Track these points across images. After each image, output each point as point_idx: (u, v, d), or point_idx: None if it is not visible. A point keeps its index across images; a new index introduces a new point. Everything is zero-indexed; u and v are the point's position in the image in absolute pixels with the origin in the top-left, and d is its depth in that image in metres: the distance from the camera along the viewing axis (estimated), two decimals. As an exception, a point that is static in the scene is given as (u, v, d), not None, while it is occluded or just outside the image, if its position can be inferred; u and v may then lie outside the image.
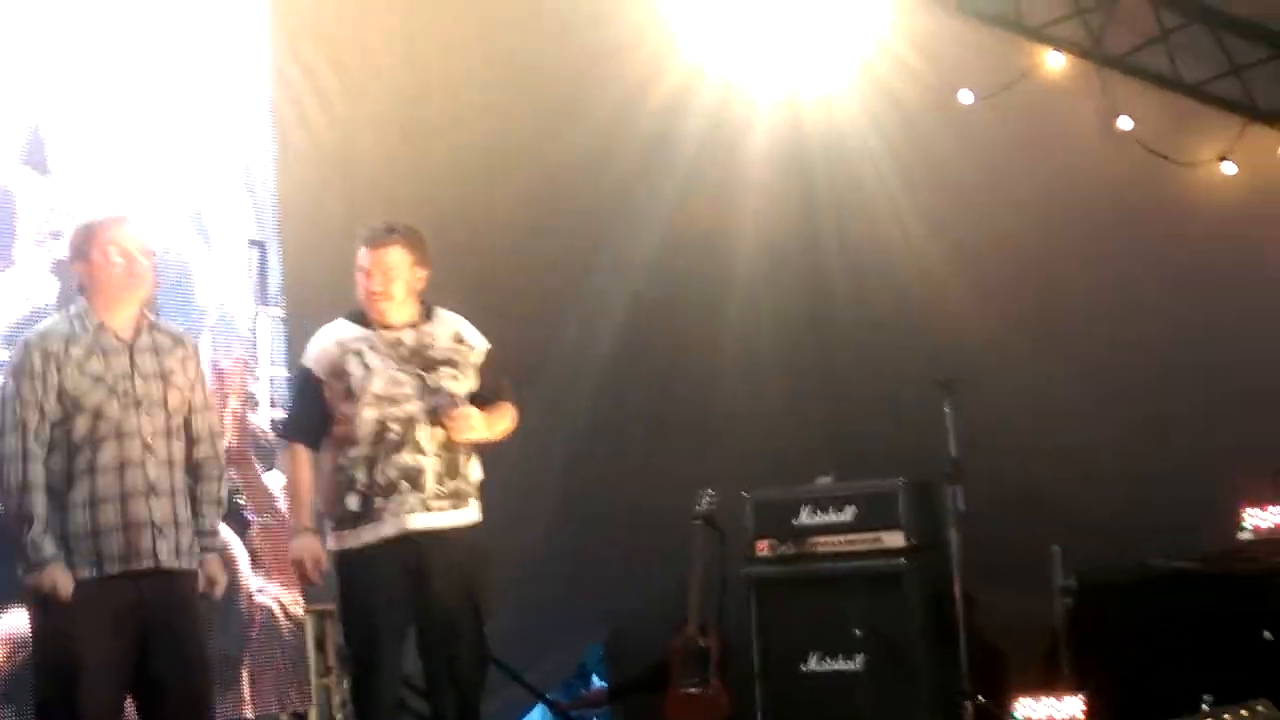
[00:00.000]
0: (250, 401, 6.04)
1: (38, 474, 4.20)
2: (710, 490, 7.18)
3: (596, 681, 8.48)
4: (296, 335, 6.17)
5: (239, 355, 6.04)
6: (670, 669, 7.09)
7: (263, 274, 6.20)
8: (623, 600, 8.01)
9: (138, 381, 4.35)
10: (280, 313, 6.23)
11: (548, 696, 7.75)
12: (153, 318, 4.53)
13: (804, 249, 8.42)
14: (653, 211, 7.83)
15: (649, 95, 7.47)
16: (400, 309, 4.85)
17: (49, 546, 4.17)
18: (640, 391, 7.95)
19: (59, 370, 4.25)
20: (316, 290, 6.38)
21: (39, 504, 4.18)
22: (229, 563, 5.54)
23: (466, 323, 4.97)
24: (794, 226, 8.37)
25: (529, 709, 7.91)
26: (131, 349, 4.37)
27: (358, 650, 4.80)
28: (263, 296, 6.19)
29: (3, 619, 4.86)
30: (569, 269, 7.68)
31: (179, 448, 4.43)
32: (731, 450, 7.71)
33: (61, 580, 4.16)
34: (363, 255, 4.88)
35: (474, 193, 7.02)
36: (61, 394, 4.25)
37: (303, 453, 4.84)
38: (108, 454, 4.27)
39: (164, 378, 4.40)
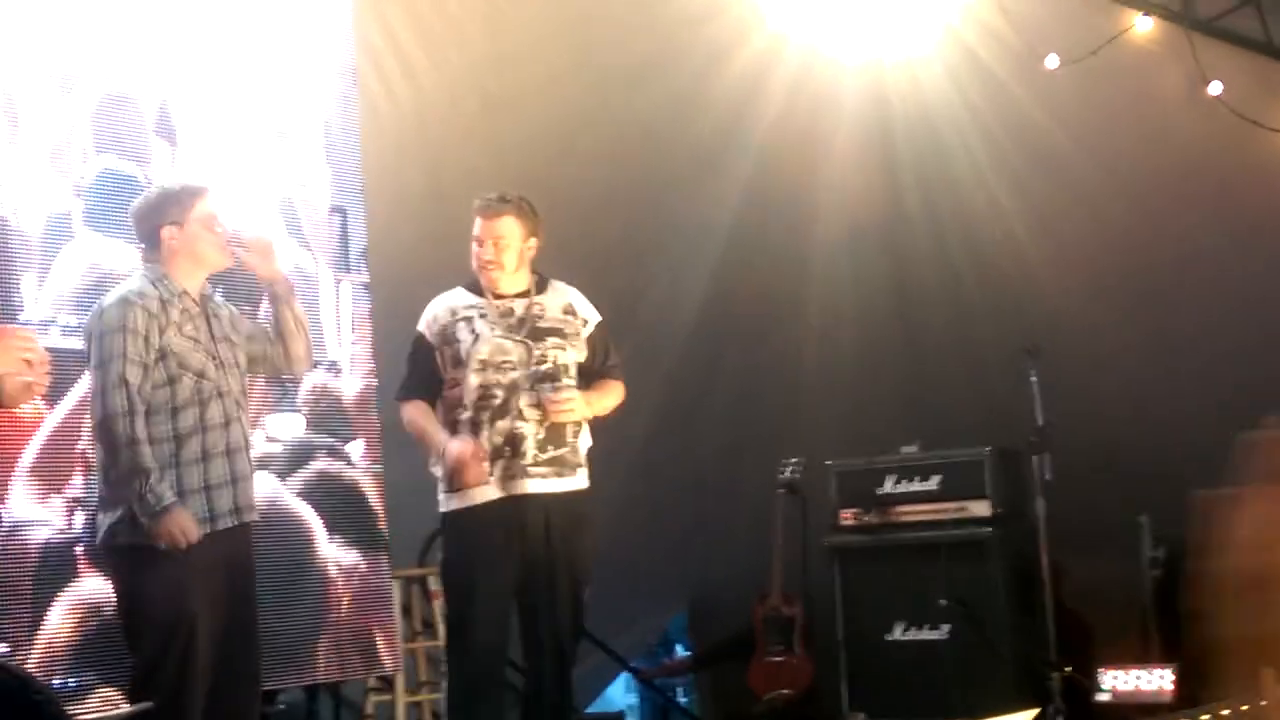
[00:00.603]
0: (333, 368, 6.09)
1: (143, 429, 4.25)
2: (794, 459, 7.16)
3: (680, 650, 8.50)
4: (378, 302, 6.24)
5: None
6: (754, 638, 7.09)
7: (344, 240, 6.24)
8: (706, 569, 8.02)
9: (218, 344, 4.44)
10: (363, 279, 6.26)
11: (632, 664, 7.78)
12: (208, 287, 4.60)
13: (886, 216, 8.34)
14: (734, 179, 7.80)
15: (730, 61, 7.43)
16: (512, 278, 4.95)
17: (169, 493, 4.23)
18: (723, 360, 7.95)
19: (161, 332, 4.32)
20: (398, 257, 6.44)
21: (149, 456, 4.24)
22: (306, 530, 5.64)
23: (579, 295, 5.06)
24: (876, 193, 8.30)
25: (613, 677, 7.95)
26: (206, 314, 4.46)
27: (456, 611, 4.87)
28: (345, 263, 6.23)
29: (73, 587, 4.93)
30: (649, 238, 7.68)
31: (247, 408, 4.62)
32: (815, 419, 7.68)
33: (188, 524, 4.24)
34: (476, 225, 4.95)
35: (554, 161, 7.02)
36: (166, 354, 4.33)
37: (420, 403, 4.94)
38: (214, 412, 4.38)
39: (230, 341, 4.50)
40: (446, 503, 4.88)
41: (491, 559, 4.78)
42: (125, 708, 4.26)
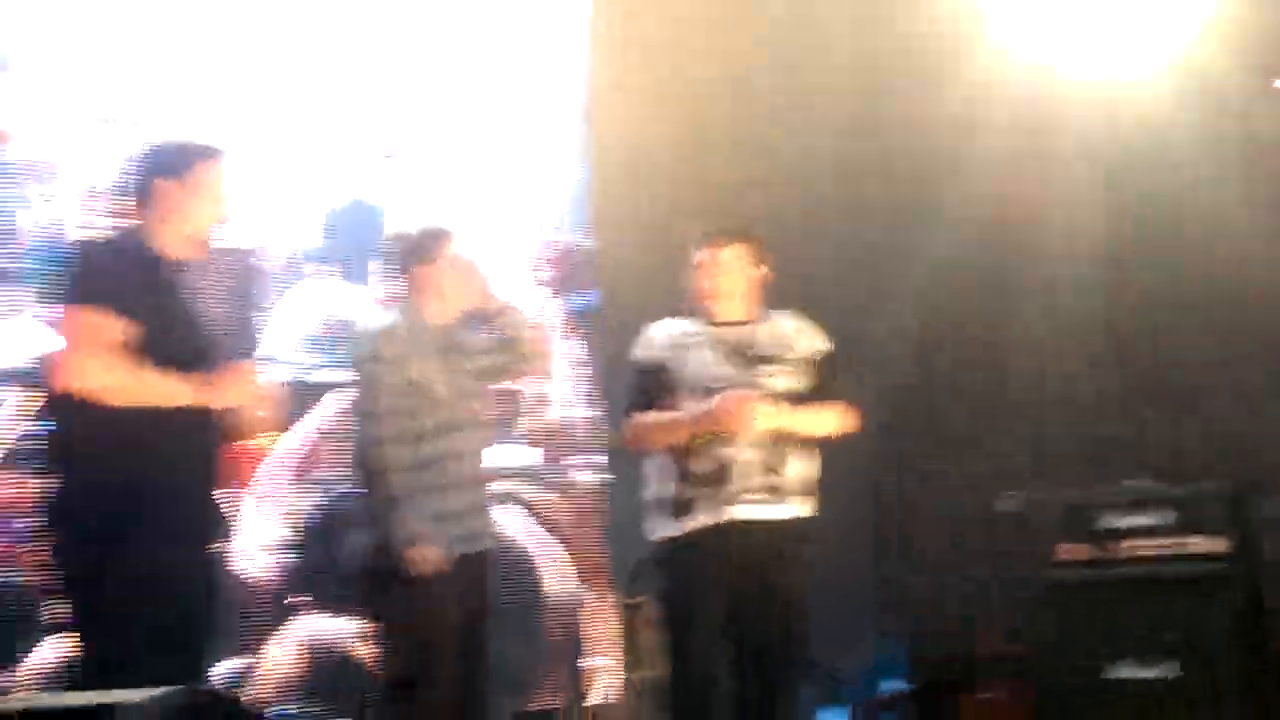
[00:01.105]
0: (561, 399, 6.17)
1: (399, 458, 4.33)
2: (1011, 491, 7.02)
3: (893, 682, 8.40)
4: (604, 333, 6.30)
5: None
6: (972, 671, 6.97)
7: (573, 274, 6.32)
8: (923, 599, 7.92)
9: (461, 377, 4.51)
10: (591, 311, 6.33)
11: (845, 695, 7.72)
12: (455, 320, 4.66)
13: (1111, 239, 8.14)
14: (953, 204, 7.70)
15: (951, 88, 7.35)
16: (734, 306, 4.98)
17: (418, 523, 4.30)
18: (940, 390, 7.83)
19: (410, 363, 4.41)
20: (625, 290, 6.50)
21: (400, 485, 4.31)
22: (530, 562, 5.71)
23: (802, 323, 5.05)
24: (1100, 215, 8.10)
25: (825, 706, 7.89)
26: (451, 348, 4.54)
27: (671, 640, 4.88)
28: (573, 295, 6.31)
29: (301, 622, 5.05)
30: (870, 267, 7.62)
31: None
32: (1035, 449, 7.53)
33: (435, 554, 4.33)
34: (700, 254, 4.97)
35: (779, 195, 7.03)
36: (414, 385, 4.41)
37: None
38: (456, 442, 4.48)
39: (469, 373, 4.56)
40: (661, 529, 4.89)
41: (706, 587, 4.80)
42: None
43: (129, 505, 3.78)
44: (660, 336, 5.01)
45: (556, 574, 5.94)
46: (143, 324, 3.81)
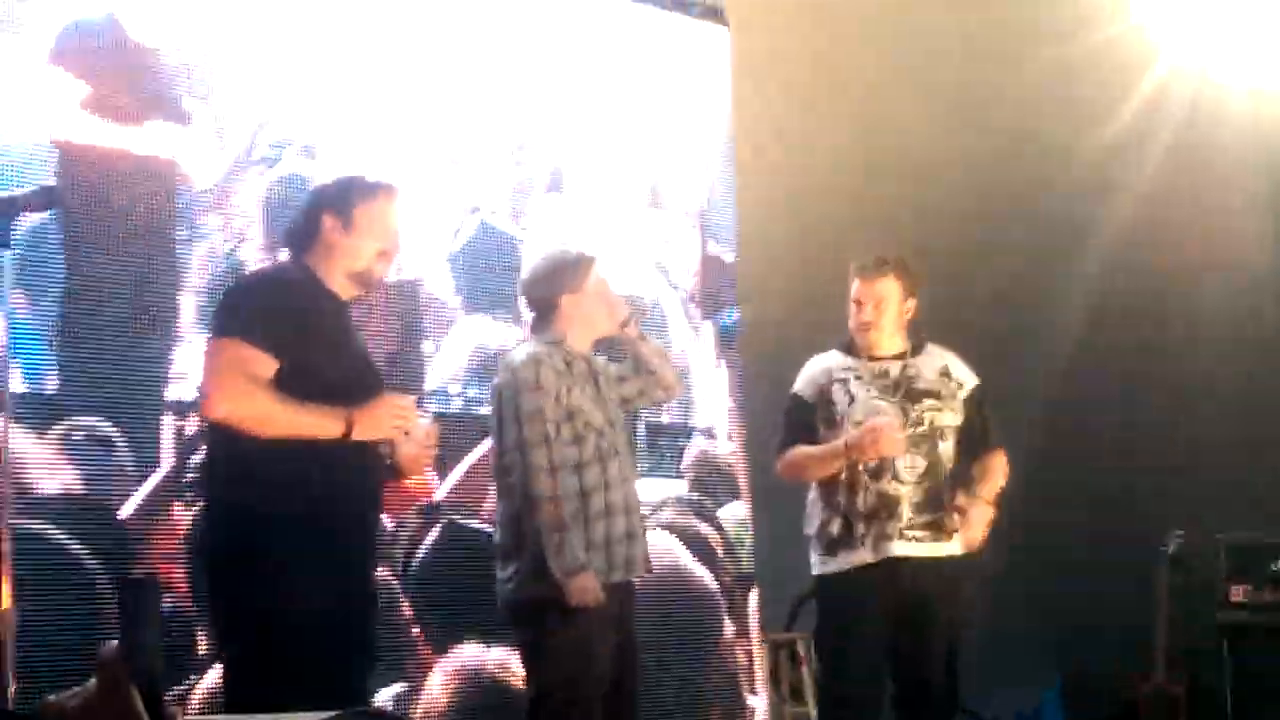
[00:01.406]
0: (709, 432, 6.15)
1: (563, 486, 4.34)
2: (1178, 530, 6.83)
3: (1055, 723, 8.22)
4: (748, 364, 6.26)
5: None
6: (1136, 715, 6.78)
7: (718, 303, 6.31)
8: (1081, 640, 7.73)
9: (609, 405, 4.49)
10: (735, 341, 6.31)
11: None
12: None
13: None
14: (1111, 233, 7.56)
15: (1109, 115, 7.25)
16: (889, 340, 4.92)
17: (583, 553, 4.30)
18: (1100, 421, 7.66)
19: (568, 391, 4.39)
20: (768, 320, 6.46)
21: (567, 513, 4.31)
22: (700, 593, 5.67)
23: (956, 358, 4.99)
24: (1270, 238, 7.88)
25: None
26: (594, 374, 4.51)
27: (829, 678, 4.82)
28: (719, 325, 6.29)
29: (454, 653, 5.05)
30: (1023, 298, 7.50)
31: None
32: (1201, 488, 7.31)
33: (594, 585, 4.30)
34: (854, 286, 4.93)
35: (925, 223, 6.94)
36: (573, 413, 4.39)
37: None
38: (613, 470, 4.45)
39: (613, 400, 4.55)
40: (821, 566, 4.86)
41: (865, 624, 4.73)
42: None
43: (288, 534, 3.79)
44: (816, 371, 4.96)
45: (707, 606, 5.89)
46: (295, 356, 3.83)
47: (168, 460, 4.77)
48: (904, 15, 7.17)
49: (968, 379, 5.00)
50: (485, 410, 4.76)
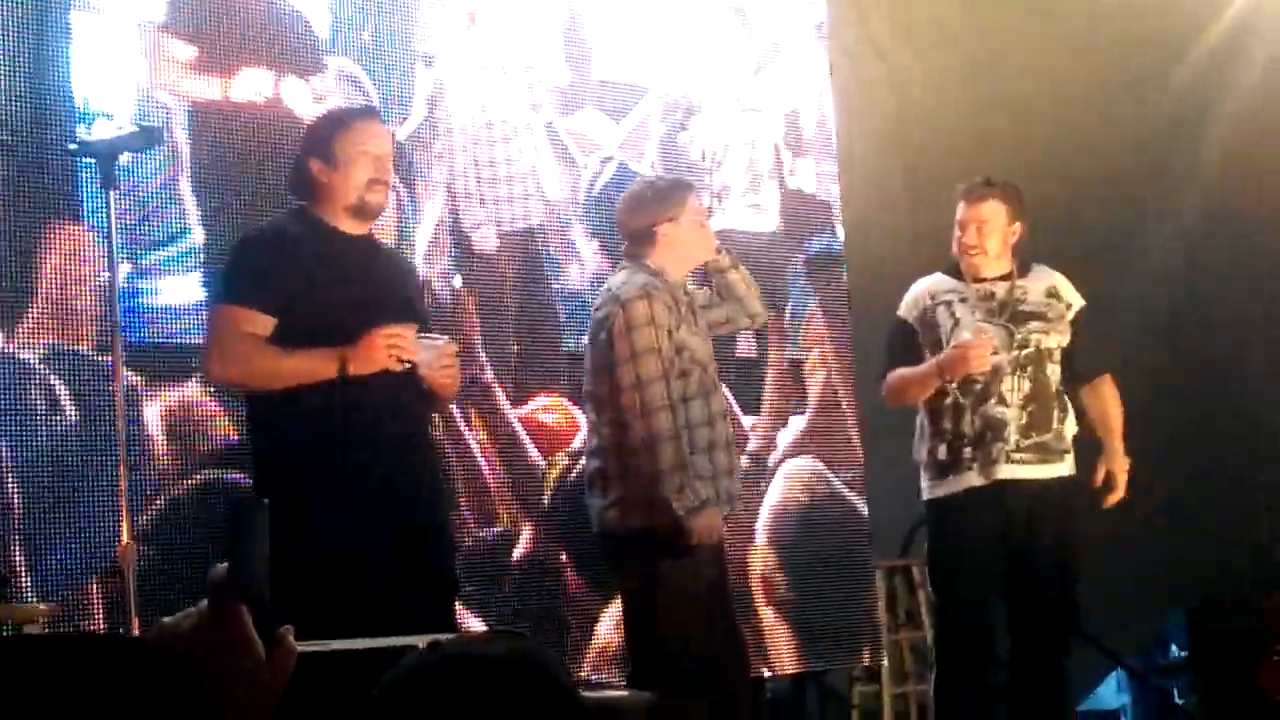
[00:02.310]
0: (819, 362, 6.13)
1: (673, 421, 4.32)
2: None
3: (1176, 650, 8.12)
4: (855, 294, 6.21)
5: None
6: (1263, 637, 6.68)
7: (825, 236, 6.25)
8: (1207, 564, 7.62)
9: (705, 336, 4.48)
10: (842, 271, 6.26)
11: (1127, 662, 7.49)
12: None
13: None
14: (1213, 151, 7.41)
15: (1197, 48, 7.11)
16: (994, 263, 4.88)
17: (705, 489, 4.28)
18: (1228, 342, 7.52)
19: (676, 325, 4.37)
20: (875, 251, 6.40)
21: (685, 451, 4.29)
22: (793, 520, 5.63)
23: (1063, 278, 4.92)
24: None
25: (1106, 675, 7.67)
26: (694, 307, 4.49)
27: (942, 602, 4.81)
28: (827, 257, 6.24)
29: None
30: (1129, 233, 7.38)
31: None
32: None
33: (719, 521, 4.31)
34: (960, 209, 4.88)
35: (1029, 160, 6.85)
36: (681, 348, 4.37)
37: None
38: (716, 403, 4.43)
39: (706, 335, 4.52)
40: (930, 490, 4.84)
41: (976, 548, 4.71)
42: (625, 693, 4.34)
43: (332, 477, 3.80)
44: (920, 293, 4.92)
45: (816, 538, 5.88)
46: (298, 306, 3.83)
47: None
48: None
49: (1075, 300, 4.94)
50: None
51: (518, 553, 5.18)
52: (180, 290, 4.60)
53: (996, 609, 4.89)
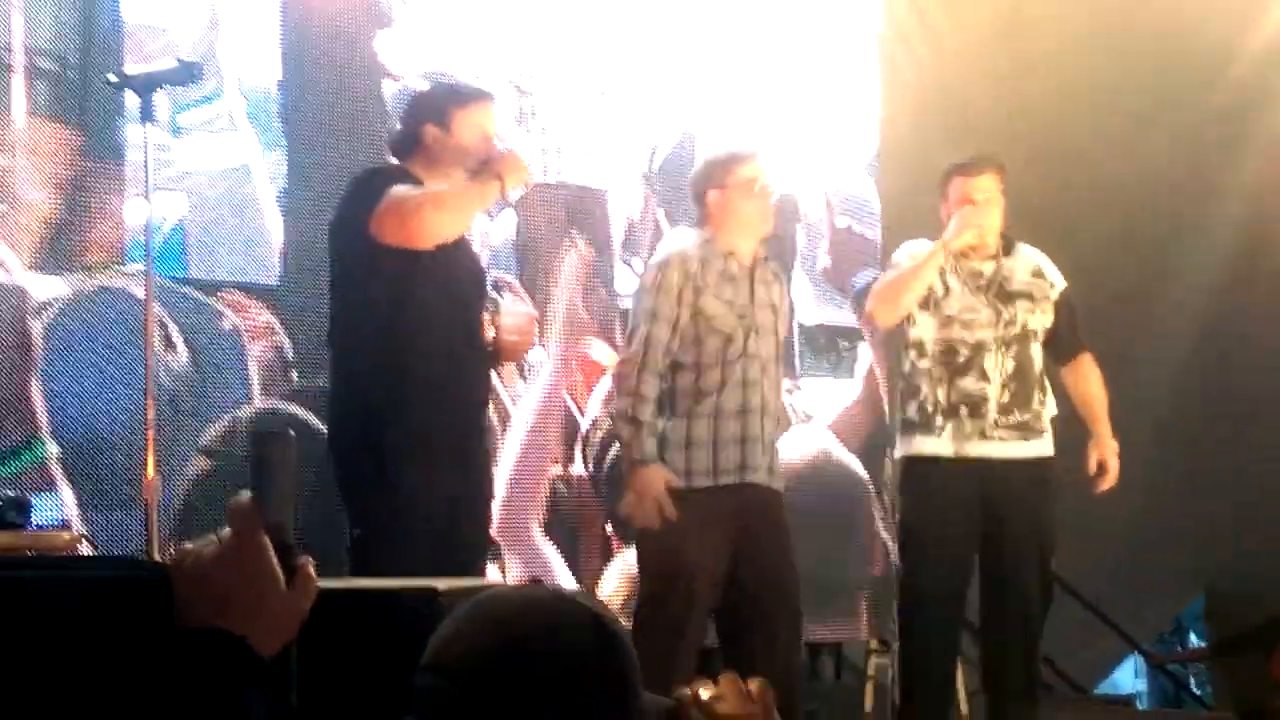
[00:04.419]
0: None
1: (651, 387, 4.38)
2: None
3: (1193, 638, 8.12)
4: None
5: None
6: (1278, 627, 6.65)
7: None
8: (1224, 556, 7.61)
9: (756, 309, 4.46)
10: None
11: (1144, 648, 7.49)
12: (764, 252, 4.60)
13: None
14: (1265, 133, 7.35)
15: (1249, 34, 7.05)
16: (991, 238, 4.81)
17: (650, 448, 4.37)
18: (1247, 345, 7.48)
19: (697, 293, 4.39)
20: (915, 219, 6.36)
21: (648, 411, 4.38)
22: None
23: (1046, 259, 4.88)
24: None
25: (1121, 659, 7.67)
26: (752, 278, 4.48)
27: (910, 564, 4.80)
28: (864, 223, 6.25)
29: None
30: (1170, 211, 7.33)
31: (780, 373, 4.63)
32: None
33: (656, 481, 4.35)
34: (956, 184, 4.82)
35: (1070, 132, 6.81)
36: (697, 314, 4.39)
37: None
38: (737, 373, 4.43)
39: (774, 308, 4.51)
40: (901, 448, 4.79)
41: (948, 516, 4.66)
42: None
43: (399, 425, 3.89)
44: (919, 250, 4.80)
45: (838, 506, 5.91)
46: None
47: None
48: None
49: (1059, 280, 4.87)
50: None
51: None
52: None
53: (965, 583, 4.85)
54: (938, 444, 4.70)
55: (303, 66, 4.97)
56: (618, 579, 5.37)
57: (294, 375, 4.83)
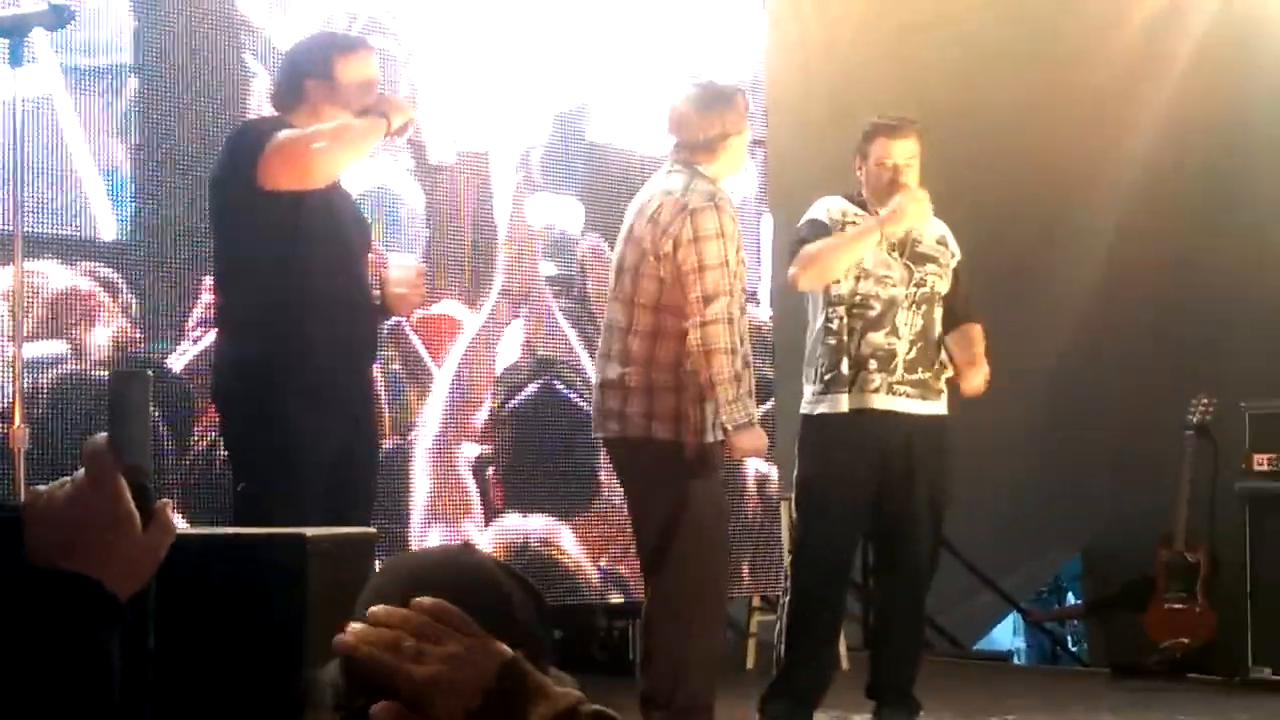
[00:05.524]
0: (753, 299, 6.15)
1: (735, 338, 4.31)
2: (1204, 400, 6.79)
3: (1071, 597, 8.25)
4: (778, 229, 6.22)
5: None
6: (1155, 584, 6.79)
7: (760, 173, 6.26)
8: (1103, 513, 7.74)
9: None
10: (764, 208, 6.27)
11: (1022, 606, 7.60)
12: None
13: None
14: (1153, 103, 7.44)
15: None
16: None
17: (755, 409, 4.37)
18: (1133, 297, 7.59)
19: (733, 241, 4.33)
20: (800, 185, 6.38)
21: (741, 367, 4.30)
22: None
23: (947, 229, 4.94)
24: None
25: (1002, 617, 7.79)
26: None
27: (804, 521, 4.82)
28: (759, 194, 6.26)
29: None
30: (1060, 166, 7.40)
31: None
32: (1230, 358, 7.26)
33: (764, 441, 4.42)
34: (878, 144, 4.81)
35: (960, 90, 6.85)
36: (728, 264, 4.32)
37: None
38: (744, 324, 4.40)
39: None
40: (807, 406, 4.80)
41: (845, 474, 4.70)
42: None
43: (286, 379, 3.83)
44: (833, 207, 4.78)
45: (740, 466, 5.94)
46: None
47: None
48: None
49: (957, 251, 4.95)
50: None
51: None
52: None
53: (857, 540, 4.91)
54: (842, 400, 4.72)
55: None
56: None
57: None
